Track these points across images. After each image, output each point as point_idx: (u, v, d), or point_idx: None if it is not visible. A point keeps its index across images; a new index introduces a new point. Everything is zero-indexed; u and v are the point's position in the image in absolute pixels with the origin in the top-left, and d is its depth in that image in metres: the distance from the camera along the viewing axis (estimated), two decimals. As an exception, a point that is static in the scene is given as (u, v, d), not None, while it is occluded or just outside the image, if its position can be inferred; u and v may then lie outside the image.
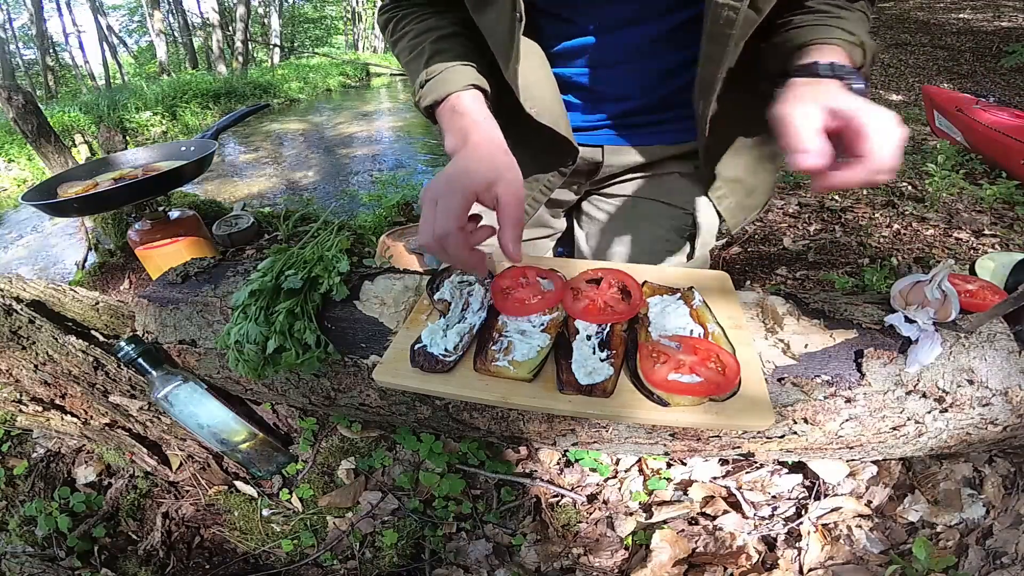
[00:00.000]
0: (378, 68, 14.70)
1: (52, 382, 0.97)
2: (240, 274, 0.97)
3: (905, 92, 5.11)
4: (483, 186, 0.61)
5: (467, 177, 0.61)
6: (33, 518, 1.06)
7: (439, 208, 0.60)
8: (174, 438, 1.08)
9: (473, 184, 0.61)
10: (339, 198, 4.71)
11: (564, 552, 0.96)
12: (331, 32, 26.99)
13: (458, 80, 0.71)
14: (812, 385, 0.73)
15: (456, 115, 0.70)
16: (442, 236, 0.60)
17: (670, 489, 1.02)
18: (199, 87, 9.33)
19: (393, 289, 0.89)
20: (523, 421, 0.86)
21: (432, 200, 0.61)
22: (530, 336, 0.71)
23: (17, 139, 5.96)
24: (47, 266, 3.71)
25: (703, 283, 0.82)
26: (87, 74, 19.66)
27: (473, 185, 0.61)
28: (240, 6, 13.18)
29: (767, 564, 0.88)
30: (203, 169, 1.67)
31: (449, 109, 0.71)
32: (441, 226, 0.59)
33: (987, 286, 0.80)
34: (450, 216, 0.59)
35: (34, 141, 2.28)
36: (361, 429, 1.13)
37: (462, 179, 0.61)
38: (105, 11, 19.84)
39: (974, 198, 2.29)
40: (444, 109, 0.71)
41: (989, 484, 0.90)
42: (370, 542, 1.00)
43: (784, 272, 1.88)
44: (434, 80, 0.72)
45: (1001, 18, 6.11)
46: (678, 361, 0.64)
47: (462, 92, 0.70)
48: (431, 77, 0.72)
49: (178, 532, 1.06)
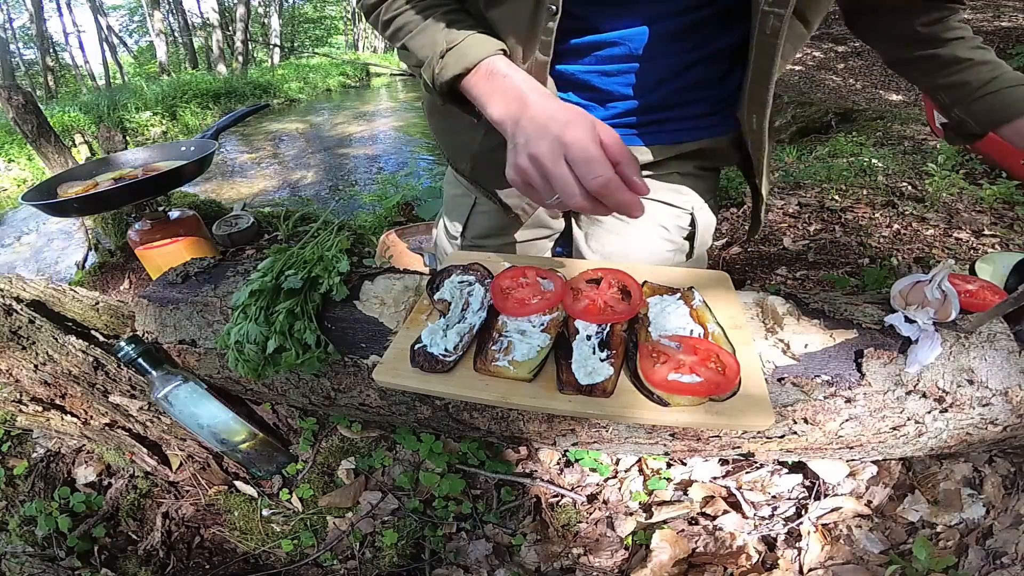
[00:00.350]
0: (378, 68, 14.71)
1: (52, 382, 0.97)
2: (240, 274, 0.97)
3: (905, 92, 5.11)
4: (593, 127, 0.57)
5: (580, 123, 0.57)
6: (33, 518, 1.06)
7: (576, 161, 0.56)
8: (174, 438, 1.08)
9: (587, 126, 0.57)
10: (339, 198, 4.71)
11: (564, 552, 0.96)
12: (331, 32, 26.99)
13: (487, 46, 0.66)
14: (812, 385, 0.73)
15: (499, 78, 0.65)
16: (602, 185, 0.55)
17: (670, 489, 1.02)
18: (199, 87, 9.33)
19: (393, 289, 0.89)
20: (523, 421, 0.86)
21: (553, 161, 0.57)
22: (530, 336, 0.71)
23: (17, 139, 5.96)
24: (47, 266, 3.71)
25: (703, 283, 0.82)
26: (87, 74, 19.65)
27: (588, 127, 0.57)
28: (240, 6, 13.19)
29: (767, 564, 0.88)
30: (203, 169, 1.67)
31: (485, 75, 0.66)
32: (596, 176, 0.55)
33: (987, 286, 0.80)
34: (598, 161, 0.55)
35: (34, 141, 2.29)
36: (361, 429, 1.13)
37: (576, 126, 0.57)
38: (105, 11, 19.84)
39: (974, 198, 2.29)
40: (478, 76, 0.66)
41: (989, 484, 0.90)
42: (370, 542, 1.00)
43: (784, 272, 1.88)
44: (458, 47, 0.66)
45: (1001, 18, 6.11)
46: (678, 361, 0.64)
47: (494, 57, 0.66)
48: (453, 45, 0.66)
49: (178, 532, 1.06)
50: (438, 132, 1.02)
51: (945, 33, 0.79)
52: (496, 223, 1.02)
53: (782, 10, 0.63)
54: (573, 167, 0.56)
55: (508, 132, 0.64)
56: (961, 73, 0.79)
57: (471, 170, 0.98)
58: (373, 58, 17.24)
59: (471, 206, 1.03)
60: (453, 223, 1.07)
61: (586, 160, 0.55)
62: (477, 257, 0.91)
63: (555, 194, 0.59)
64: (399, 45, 0.75)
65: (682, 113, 0.83)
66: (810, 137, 4.09)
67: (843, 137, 3.27)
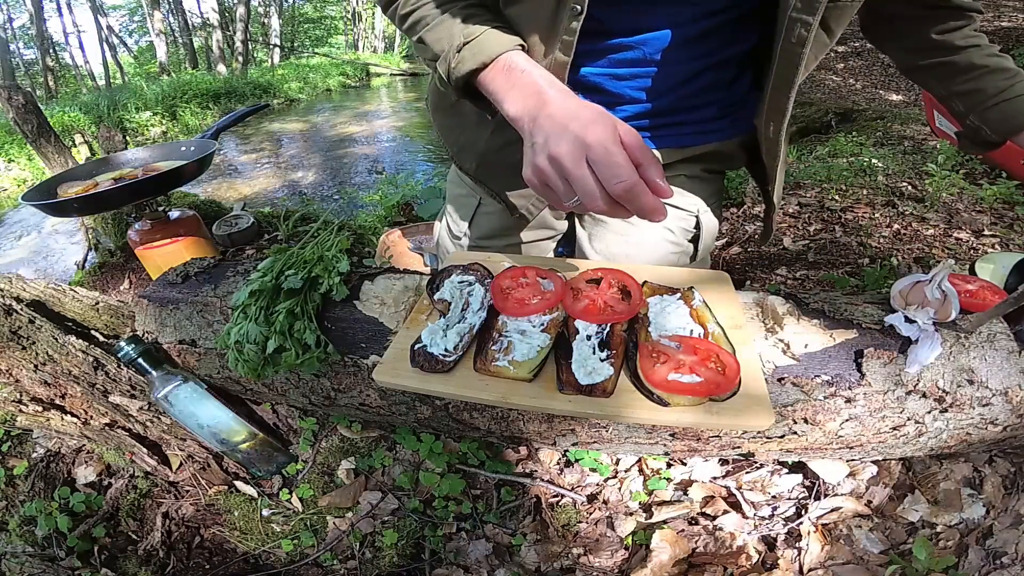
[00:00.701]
0: (378, 68, 14.71)
1: (52, 382, 0.97)
2: (240, 274, 0.97)
3: (905, 92, 5.12)
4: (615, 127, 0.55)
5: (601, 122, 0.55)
6: (33, 518, 1.06)
7: (599, 163, 0.54)
8: (174, 438, 1.08)
9: (609, 126, 0.55)
10: (339, 198, 4.71)
11: (564, 552, 0.96)
12: (331, 32, 26.99)
13: (505, 40, 0.65)
14: (812, 385, 0.73)
15: (516, 73, 0.64)
16: (626, 190, 0.53)
17: (670, 489, 1.02)
18: (199, 87, 9.33)
19: (393, 289, 0.89)
20: (523, 421, 0.86)
21: (574, 162, 0.55)
22: (530, 336, 0.71)
23: (17, 139, 5.97)
24: (47, 266, 3.71)
25: (703, 283, 0.82)
26: (87, 74, 19.65)
27: (610, 127, 0.55)
28: (240, 6, 13.18)
29: (767, 564, 0.88)
30: (203, 169, 1.67)
31: (503, 69, 0.64)
32: (619, 180, 0.53)
33: (987, 286, 0.80)
34: (622, 165, 0.53)
35: (34, 141, 2.29)
36: (361, 429, 1.13)
37: (598, 126, 0.55)
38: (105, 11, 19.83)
39: (974, 198, 2.29)
40: (495, 71, 0.65)
41: (989, 484, 0.90)
42: (370, 542, 1.01)
43: (784, 272, 1.88)
44: (476, 41, 0.65)
45: (1001, 18, 6.11)
46: (678, 361, 0.64)
47: (512, 52, 0.65)
48: (470, 39, 0.65)
49: (178, 532, 1.06)
50: (443, 129, 1.00)
51: (960, 41, 0.79)
52: (501, 224, 1.01)
53: (810, 18, 0.61)
54: (595, 169, 0.54)
55: (525, 129, 0.62)
56: (976, 80, 0.78)
57: (476, 168, 0.97)
58: (373, 58, 17.24)
59: (475, 207, 1.02)
60: (457, 223, 1.07)
61: (609, 163, 0.53)
62: (477, 257, 0.91)
63: (575, 196, 0.57)
64: (416, 38, 0.74)
65: (691, 117, 0.83)
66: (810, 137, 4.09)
67: (843, 137, 3.27)
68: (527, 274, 0.79)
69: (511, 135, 0.89)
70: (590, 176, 0.54)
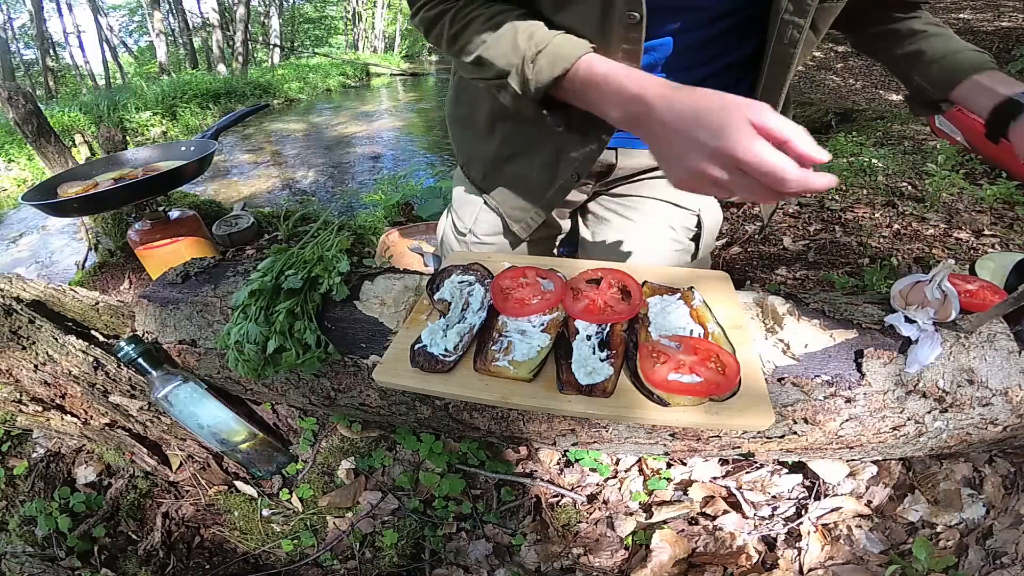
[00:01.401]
0: (378, 68, 14.70)
1: (52, 382, 0.97)
2: (240, 274, 0.97)
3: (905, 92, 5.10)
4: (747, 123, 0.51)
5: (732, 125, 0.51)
6: (33, 518, 1.06)
7: (755, 174, 0.50)
8: (174, 438, 1.08)
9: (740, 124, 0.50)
10: (339, 198, 4.71)
11: (564, 552, 0.96)
12: (331, 32, 26.98)
13: (578, 43, 0.63)
14: (812, 385, 0.73)
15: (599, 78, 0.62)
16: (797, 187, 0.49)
17: (670, 489, 1.02)
18: (199, 87, 9.32)
19: (393, 289, 0.89)
20: (523, 421, 0.86)
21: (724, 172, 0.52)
22: (530, 336, 0.71)
23: (17, 139, 5.96)
24: (47, 266, 3.71)
25: (703, 283, 0.82)
26: (87, 74, 19.64)
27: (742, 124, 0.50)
28: (240, 6, 13.16)
29: (767, 564, 0.88)
30: (203, 169, 1.67)
31: (586, 75, 0.62)
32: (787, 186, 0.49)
33: (987, 286, 0.80)
34: (779, 168, 0.48)
35: (34, 141, 2.28)
36: (361, 429, 1.13)
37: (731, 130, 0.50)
38: (105, 11, 19.86)
39: (974, 198, 2.29)
40: (577, 76, 0.63)
41: (989, 484, 0.90)
42: (370, 542, 1.00)
43: (784, 272, 1.88)
44: (548, 49, 0.63)
45: (1001, 18, 6.11)
46: (678, 361, 0.64)
47: (589, 55, 0.63)
48: (542, 48, 0.63)
49: (178, 532, 1.06)
50: (456, 140, 1.04)
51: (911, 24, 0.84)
52: (503, 222, 1.03)
53: (802, 20, 0.62)
54: (755, 177, 0.51)
55: (637, 134, 0.61)
56: (919, 43, 0.82)
57: (483, 179, 1.00)
58: (373, 58, 17.22)
59: (480, 204, 1.04)
60: (462, 220, 1.08)
61: (765, 173, 0.49)
62: (477, 257, 0.91)
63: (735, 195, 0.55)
64: (471, 59, 0.71)
65: None
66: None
67: (843, 137, 3.26)
68: (527, 274, 0.79)
69: (519, 147, 0.90)
70: (749, 182, 0.51)
